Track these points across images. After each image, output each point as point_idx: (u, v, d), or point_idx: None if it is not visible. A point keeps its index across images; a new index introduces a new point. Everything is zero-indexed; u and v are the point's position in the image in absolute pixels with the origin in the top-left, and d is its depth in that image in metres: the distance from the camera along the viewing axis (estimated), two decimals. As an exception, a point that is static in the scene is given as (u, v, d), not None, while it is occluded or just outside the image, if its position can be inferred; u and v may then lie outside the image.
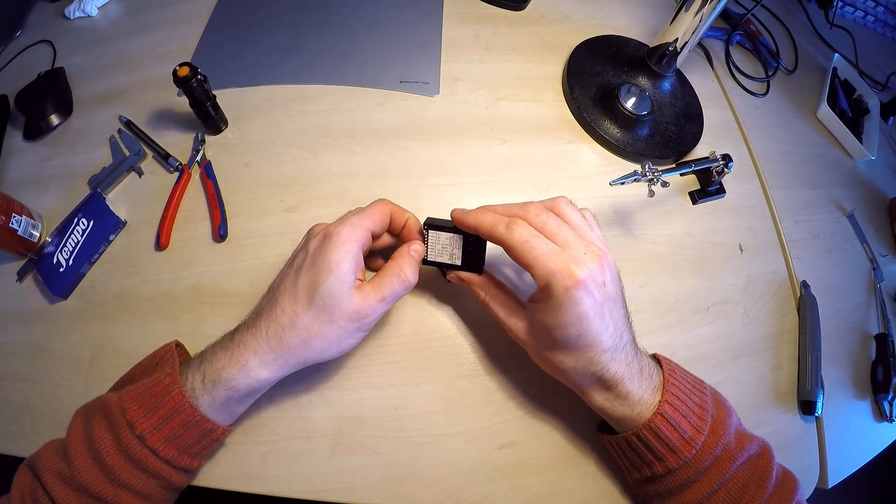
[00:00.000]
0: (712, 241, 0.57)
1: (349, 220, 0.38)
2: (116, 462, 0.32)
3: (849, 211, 0.66)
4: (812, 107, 0.75)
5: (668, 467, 0.35)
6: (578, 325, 0.34)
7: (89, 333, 0.46)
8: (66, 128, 0.58)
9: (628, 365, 0.37)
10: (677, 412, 0.36)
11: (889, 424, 0.55)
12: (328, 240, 0.36)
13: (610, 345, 0.35)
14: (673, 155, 0.61)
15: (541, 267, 0.34)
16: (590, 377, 0.37)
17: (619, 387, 0.36)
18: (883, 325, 0.59)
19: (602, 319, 0.35)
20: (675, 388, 0.37)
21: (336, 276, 0.35)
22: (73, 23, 0.67)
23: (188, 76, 0.48)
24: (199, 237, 0.50)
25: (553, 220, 0.36)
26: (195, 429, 0.34)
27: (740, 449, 0.36)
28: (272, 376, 0.36)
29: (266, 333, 0.35)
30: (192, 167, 0.53)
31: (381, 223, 0.40)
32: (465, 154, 0.57)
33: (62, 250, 0.47)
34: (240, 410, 0.38)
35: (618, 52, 0.67)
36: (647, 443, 0.36)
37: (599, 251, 0.35)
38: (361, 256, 0.38)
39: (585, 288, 0.33)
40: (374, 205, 0.40)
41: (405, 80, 0.62)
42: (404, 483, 0.41)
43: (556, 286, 0.33)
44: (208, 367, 0.35)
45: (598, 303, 0.34)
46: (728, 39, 0.76)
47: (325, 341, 0.36)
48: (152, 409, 0.33)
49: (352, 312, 0.36)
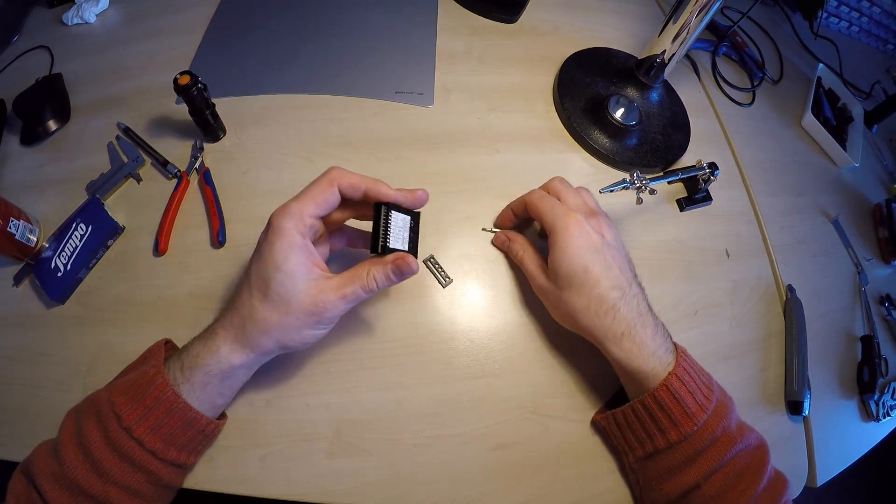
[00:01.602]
0: (700, 247, 0.58)
1: (290, 208, 0.36)
2: (104, 456, 0.33)
3: (833, 217, 0.68)
4: (797, 116, 0.77)
5: (669, 441, 0.37)
6: (583, 258, 0.40)
7: (86, 338, 0.46)
8: (63, 133, 0.58)
9: (640, 315, 0.41)
10: (684, 387, 0.37)
11: (876, 424, 0.56)
12: (272, 233, 0.35)
13: (615, 283, 0.40)
14: (661, 164, 0.62)
15: (548, 213, 0.44)
16: (602, 319, 0.40)
17: (631, 333, 0.40)
18: (868, 327, 0.61)
19: (603, 259, 0.41)
20: (686, 363, 0.39)
21: (284, 273, 0.34)
22: (70, 29, 0.67)
23: (189, 84, 0.48)
24: (198, 243, 0.50)
25: (561, 187, 0.47)
26: (178, 417, 0.35)
27: (740, 435, 0.38)
28: (241, 362, 0.36)
29: (231, 322, 0.36)
30: (191, 174, 0.54)
31: (326, 204, 0.37)
32: (459, 163, 0.58)
33: (60, 255, 0.47)
34: (220, 402, 0.39)
35: (607, 64, 0.69)
36: (652, 412, 0.38)
37: (593, 210, 0.46)
38: (310, 245, 0.37)
39: (580, 225, 0.41)
40: (318, 183, 0.37)
41: (400, 91, 0.63)
42: (401, 485, 0.42)
43: (558, 225, 0.42)
44: (186, 356, 0.36)
45: (596, 242, 0.41)
46: (715, 51, 0.78)
47: (285, 332, 0.36)
48: (138, 399, 0.34)
49: (309, 305, 0.35)
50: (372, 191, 0.38)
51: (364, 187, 0.38)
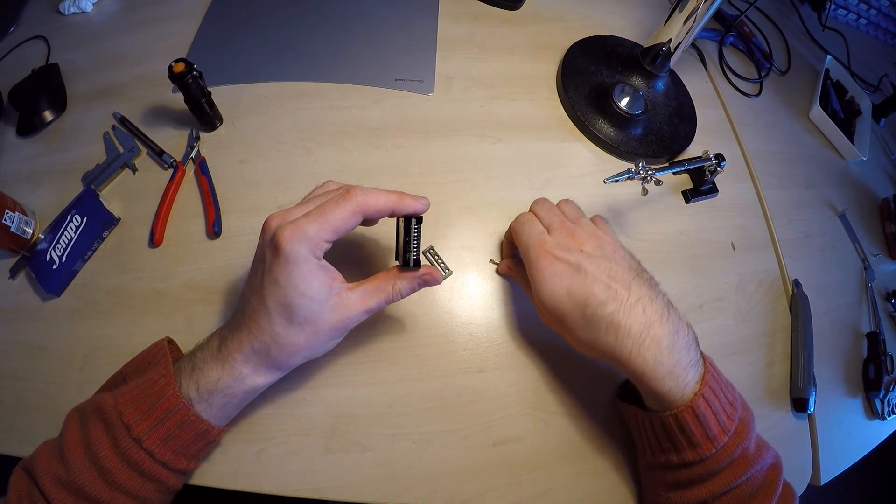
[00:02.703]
0: (705, 240, 0.58)
1: (306, 231, 0.33)
2: (114, 465, 0.32)
3: (840, 211, 0.67)
4: (804, 108, 0.76)
5: (685, 460, 0.36)
6: (559, 286, 0.38)
7: (82, 331, 0.45)
8: (59, 124, 0.57)
9: (649, 324, 0.36)
10: (709, 408, 0.35)
11: (881, 422, 0.55)
12: (288, 261, 0.33)
13: (606, 296, 0.37)
14: (666, 154, 0.61)
15: (522, 247, 0.43)
16: (607, 337, 0.36)
17: (641, 351, 0.35)
18: (874, 323, 0.60)
19: (584, 276, 0.38)
20: (713, 381, 0.36)
21: (310, 298, 0.34)
22: (67, 18, 0.67)
23: (184, 72, 0.47)
24: (194, 234, 0.49)
25: (538, 206, 0.45)
26: (190, 429, 0.34)
27: (758, 457, 0.36)
28: (267, 381, 0.37)
29: (252, 348, 0.35)
30: (187, 164, 0.53)
31: (345, 231, 0.35)
32: (460, 152, 0.57)
33: (55, 247, 0.47)
34: (235, 413, 0.38)
35: (612, 52, 0.68)
36: (670, 432, 0.36)
37: (574, 220, 0.43)
38: (326, 263, 0.36)
39: (546, 257, 0.40)
40: (339, 208, 0.34)
41: (400, 79, 0.62)
42: (399, 480, 0.41)
43: (530, 259, 0.41)
44: (201, 377, 0.35)
45: (572, 263, 0.39)
46: (721, 40, 0.76)
47: (312, 349, 0.37)
48: (148, 411, 0.33)
49: (336, 323, 0.36)
50: (398, 211, 0.37)
51: (390, 209, 0.36)
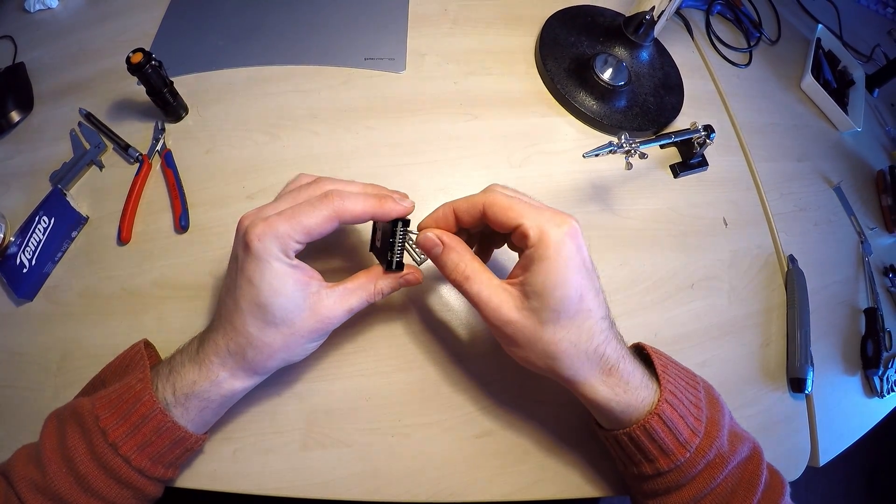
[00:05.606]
0: (695, 216, 0.56)
1: (277, 229, 0.31)
2: (90, 471, 0.31)
3: (835, 183, 0.65)
4: (796, 78, 0.74)
5: (658, 469, 0.34)
6: (579, 281, 0.32)
7: (56, 335, 0.44)
8: (27, 124, 0.56)
9: (622, 345, 0.35)
10: (675, 412, 0.33)
11: (879, 400, 0.54)
12: (255, 259, 0.32)
13: (604, 313, 0.33)
14: (652, 127, 0.59)
15: (531, 217, 0.32)
16: (591, 356, 0.33)
17: (620, 367, 0.33)
18: (872, 299, 0.59)
19: (592, 282, 0.33)
20: (670, 384, 0.35)
21: (285, 296, 0.33)
22: (33, 16, 0.65)
23: (141, 62, 0.46)
24: (161, 229, 0.48)
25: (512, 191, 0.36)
26: (167, 436, 0.33)
27: (732, 452, 0.34)
28: (245, 385, 0.36)
29: (228, 351, 0.34)
30: (153, 157, 0.51)
31: (319, 235, 0.33)
32: (435, 131, 0.56)
33: (24, 250, 0.46)
34: (214, 419, 0.37)
35: (593, 23, 0.65)
36: (640, 443, 0.34)
37: None
38: (299, 262, 0.34)
39: (578, 238, 0.32)
40: (315, 211, 0.32)
41: (370, 57, 0.60)
42: (379, 476, 0.40)
43: (550, 234, 0.31)
44: (178, 380, 0.34)
45: (587, 260, 0.33)
46: (708, 9, 0.74)
47: (290, 351, 0.35)
48: (125, 416, 0.32)
49: (314, 323, 0.34)
50: (379, 217, 0.35)
51: (370, 216, 0.34)
